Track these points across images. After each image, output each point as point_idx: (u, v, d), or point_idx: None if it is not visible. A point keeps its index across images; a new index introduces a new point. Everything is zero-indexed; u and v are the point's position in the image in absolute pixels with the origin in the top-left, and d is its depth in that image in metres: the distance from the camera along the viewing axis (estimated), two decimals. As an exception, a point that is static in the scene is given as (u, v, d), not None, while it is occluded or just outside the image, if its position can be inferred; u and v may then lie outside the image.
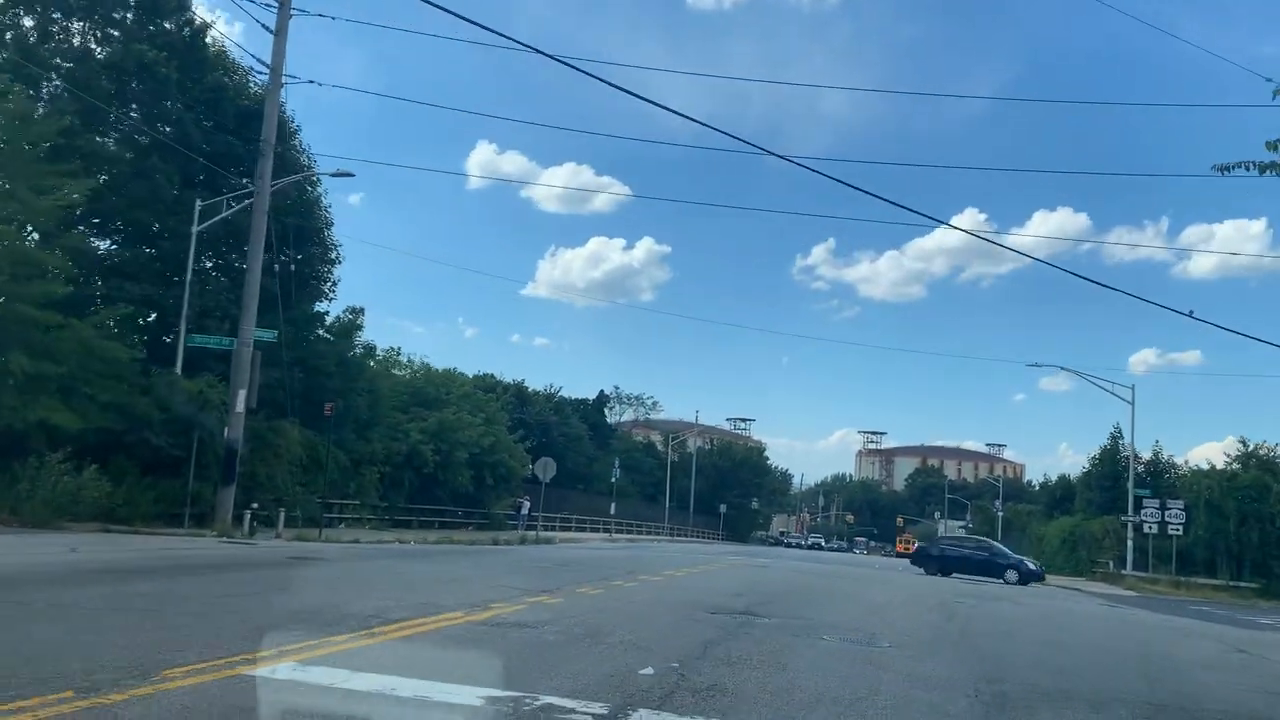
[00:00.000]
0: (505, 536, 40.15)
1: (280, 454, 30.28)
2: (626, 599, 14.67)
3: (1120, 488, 53.83)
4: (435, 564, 19.94)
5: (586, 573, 19.84)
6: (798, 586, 21.27)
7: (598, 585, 16.69)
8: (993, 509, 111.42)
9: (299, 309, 31.66)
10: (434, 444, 38.80)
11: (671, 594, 16.23)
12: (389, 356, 44.64)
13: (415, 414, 40.10)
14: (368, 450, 36.69)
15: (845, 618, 15.06)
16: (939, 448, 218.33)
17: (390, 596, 12.03)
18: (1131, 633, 18.67)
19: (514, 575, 17.74)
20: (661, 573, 21.68)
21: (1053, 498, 71.06)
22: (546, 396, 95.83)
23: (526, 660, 8.25)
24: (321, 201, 34.14)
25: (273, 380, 30.17)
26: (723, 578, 22.20)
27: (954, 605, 20.55)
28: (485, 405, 45.65)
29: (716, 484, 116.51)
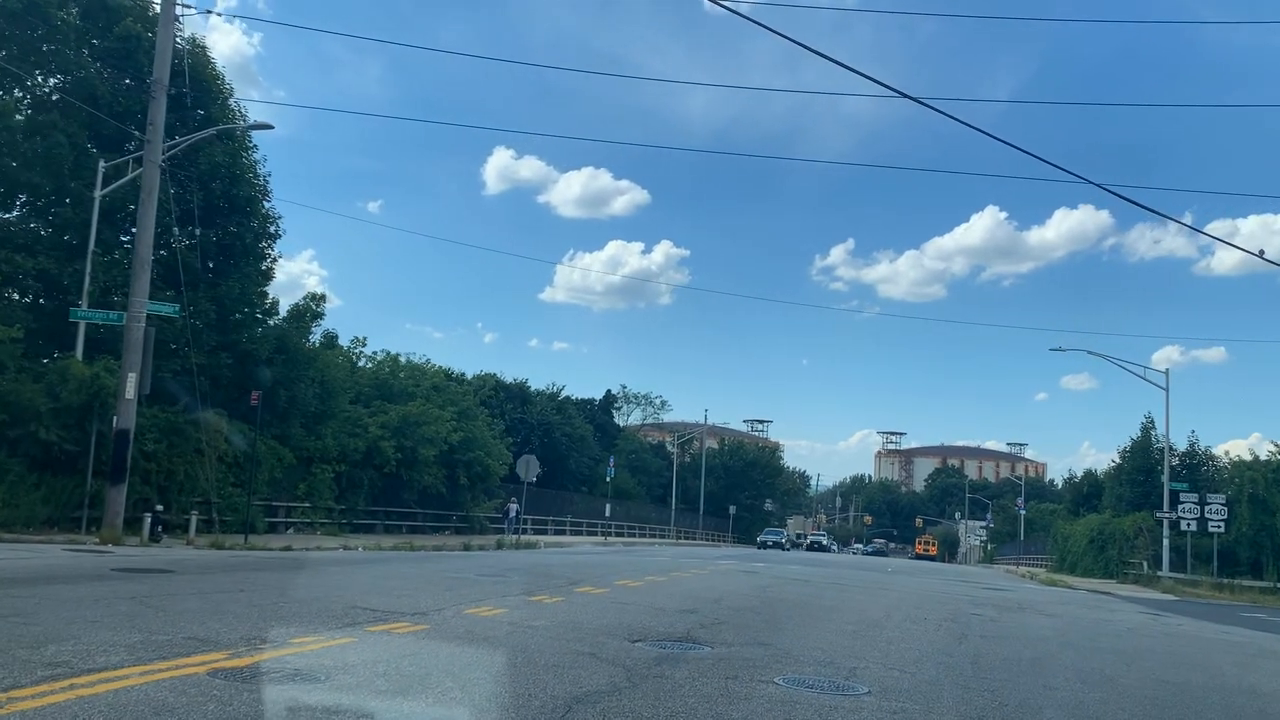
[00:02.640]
0: (481, 541, 36.62)
1: (203, 450, 26.78)
2: (528, 621, 11.03)
3: (1154, 482, 49.79)
4: (332, 577, 16.34)
5: (519, 584, 16.21)
6: (777, 598, 17.54)
7: (511, 601, 13.06)
8: (1015, 508, 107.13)
9: (225, 287, 28.15)
10: (396, 440, 35.23)
11: (601, 612, 12.57)
12: (354, 348, 41.18)
13: (377, 408, 36.56)
14: (319, 447, 33.16)
15: (822, 642, 11.38)
16: (959, 448, 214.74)
17: (148, 630, 8.43)
18: (1190, 653, 14.86)
19: (419, 590, 14.14)
20: (615, 582, 18.01)
21: (1079, 494, 66.91)
22: (550, 396, 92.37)
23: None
24: (258, 169, 30.65)
25: (195, 366, 26.71)
26: (689, 587, 18.50)
27: (967, 619, 16.80)
28: (459, 398, 42.03)
29: (728, 485, 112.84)
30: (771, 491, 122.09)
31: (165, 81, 21.16)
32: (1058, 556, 58.99)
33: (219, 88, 29.78)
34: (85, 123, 26.11)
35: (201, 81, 29.20)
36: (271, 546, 24.49)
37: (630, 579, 19.18)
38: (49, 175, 25.02)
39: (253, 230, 29.78)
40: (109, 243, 24.89)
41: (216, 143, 28.51)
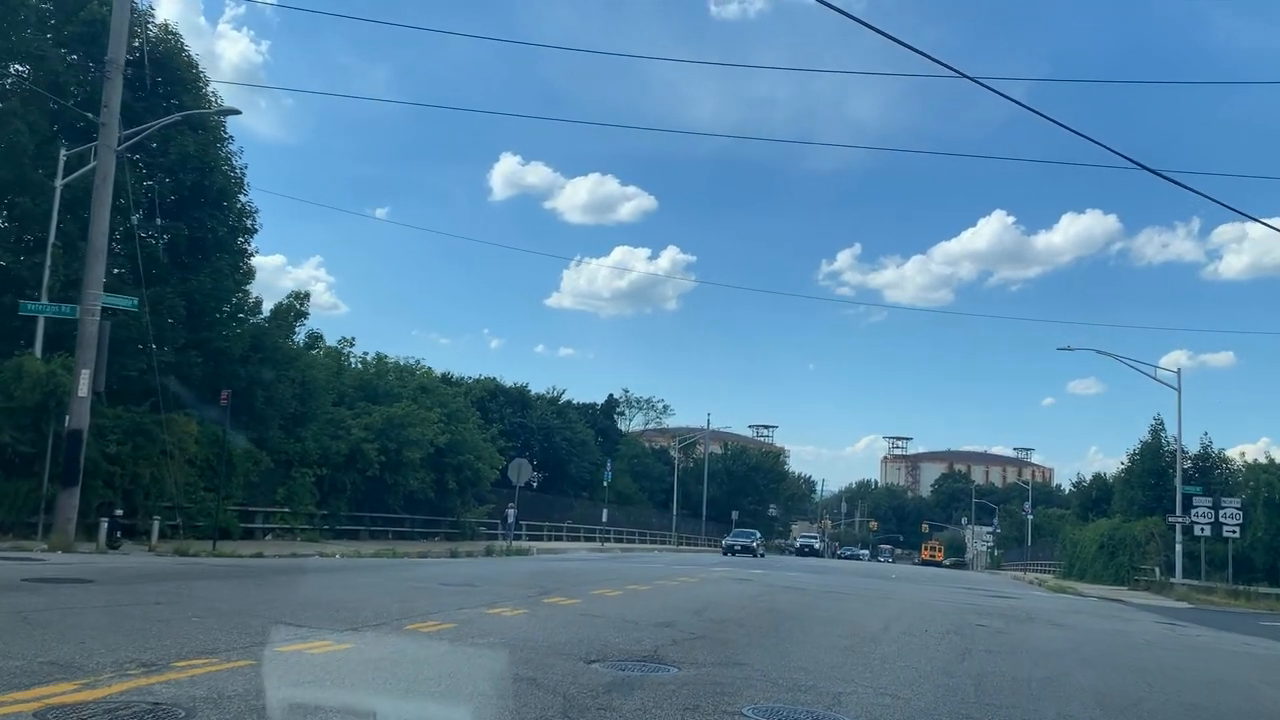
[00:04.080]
0: (470, 548, 35.41)
1: (171, 452, 25.58)
2: (473, 638, 9.79)
3: (1165, 485, 48.37)
4: (277, 587, 15.10)
5: (483, 595, 14.97)
6: (767, 609, 16.25)
7: (465, 614, 11.82)
8: (1022, 513, 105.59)
9: (196, 281, 26.96)
10: (380, 442, 33.98)
11: (563, 627, 11.32)
12: (341, 348, 39.99)
13: (362, 409, 35.34)
14: (299, 449, 31.93)
15: (807, 661, 10.12)
16: (965, 453, 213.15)
17: (4, 655, 7.20)
18: (1218, 670, 13.57)
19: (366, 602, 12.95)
20: (592, 592, 16.74)
21: (1087, 499, 65.36)
22: (550, 400, 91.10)
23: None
24: (233, 161, 29.48)
25: (162, 364, 25.52)
26: (673, 596, 17.23)
27: (972, 631, 15.50)
28: (448, 399, 40.77)
29: (731, 491, 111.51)
30: (775, 496, 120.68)
31: (121, 61, 20.00)
32: (1066, 562, 57.56)
33: (193, 75, 28.64)
34: (49, 111, 25.00)
35: (174, 70, 28.10)
36: (241, 553, 23.28)
37: (610, 588, 17.90)
38: (9, 165, 23.87)
39: (226, 224, 28.59)
40: (72, 235, 23.69)
41: (188, 133, 27.37)
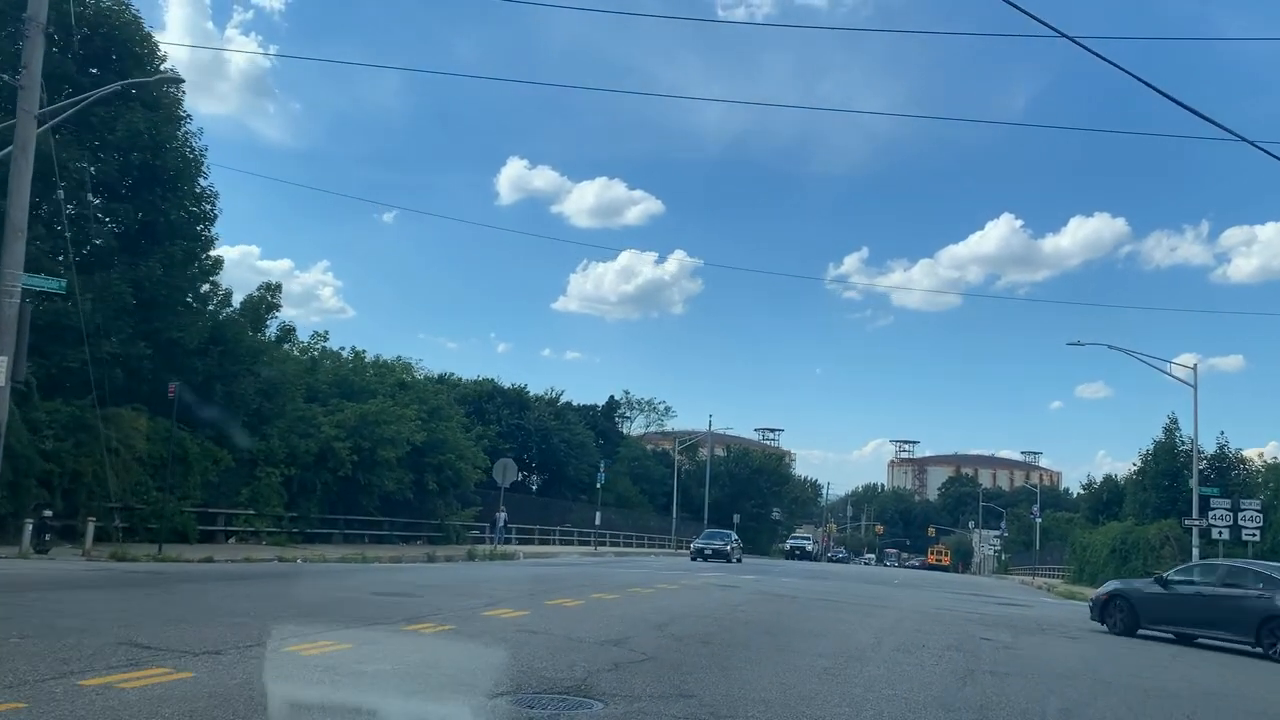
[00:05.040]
0: (450, 552, 33.58)
1: (116, 449, 23.85)
2: (366, 662, 8.01)
3: (1180, 487, 46.33)
4: (184, 597, 13.33)
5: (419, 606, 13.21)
6: (745, 620, 14.42)
7: (378, 631, 10.04)
8: (1030, 517, 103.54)
9: (146, 268, 25.20)
10: (352, 440, 32.18)
11: (488, 647, 9.54)
12: (314, 343, 38.25)
13: (335, 406, 33.56)
14: (264, 448, 30.16)
15: (775, 688, 8.33)
16: (973, 456, 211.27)
17: None
18: (1263, 693, 11.75)
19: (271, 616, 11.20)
20: (550, 602, 14.92)
21: (1098, 501, 63.23)
22: (549, 401, 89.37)
23: None
24: (191, 142, 27.75)
25: (108, 355, 23.82)
26: (641, 607, 15.39)
27: (976, 646, 13.67)
28: (428, 396, 38.97)
29: (733, 493, 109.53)
30: (779, 500, 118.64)
31: (41, 19, 18.24)
32: (1076, 567, 55.52)
33: (148, 47, 26.92)
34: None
35: (125, 44, 26.41)
36: (187, 558, 21.51)
37: (573, 597, 16.09)
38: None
39: (182, 208, 26.82)
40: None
41: (139, 110, 25.64)
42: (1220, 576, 18.74)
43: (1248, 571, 18.53)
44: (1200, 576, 19.32)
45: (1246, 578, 18.07)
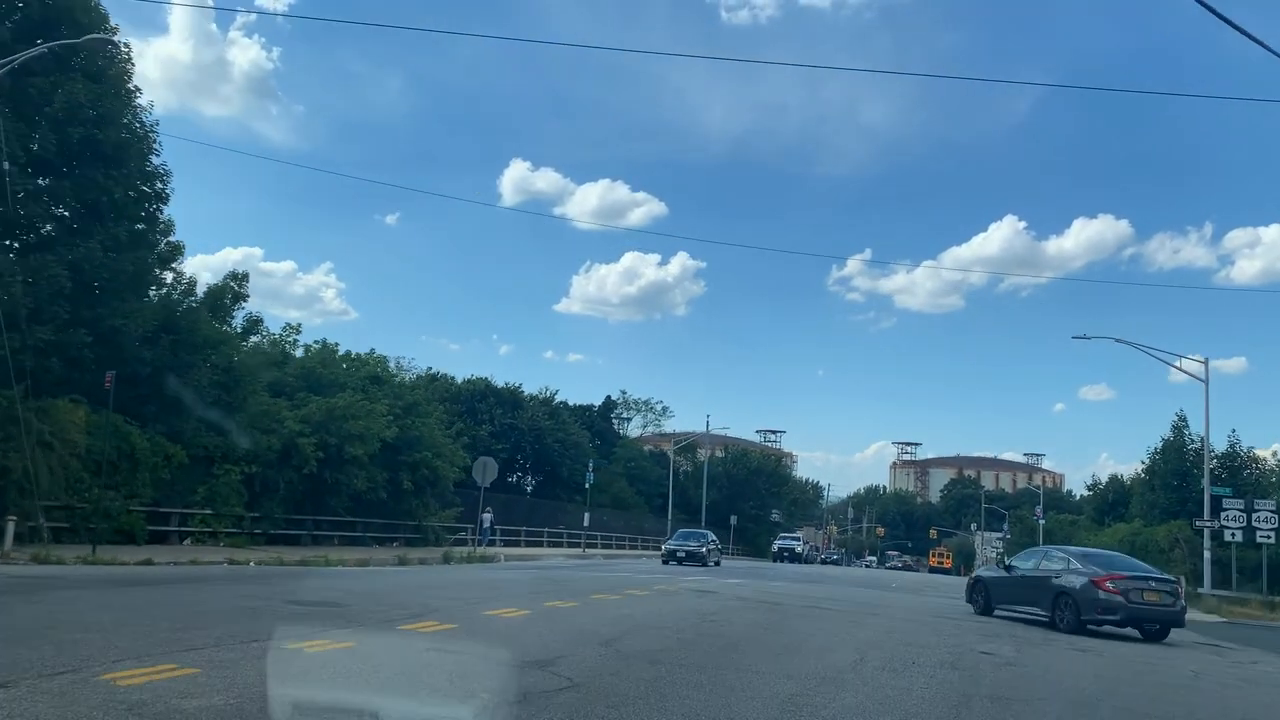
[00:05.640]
0: (425, 555, 31.86)
1: (50, 443, 22.18)
2: (196, 693, 6.32)
3: (1190, 487, 44.69)
4: (47, 608, 11.63)
5: (329, 617, 11.52)
6: (709, 633, 12.68)
7: (253, 649, 8.34)
8: (1033, 518, 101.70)
9: (85, 249, 23.49)
10: (318, 436, 30.48)
11: (376, 670, 7.86)
12: (286, 335, 36.54)
13: (301, 400, 31.87)
14: (222, 444, 28.48)
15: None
16: (975, 458, 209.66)
17: None
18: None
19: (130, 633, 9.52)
20: (490, 611, 13.22)
21: (1103, 502, 61.45)
22: (543, 401, 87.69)
23: None
24: (141, 117, 26.08)
25: (41, 343, 22.17)
26: (597, 616, 13.68)
27: (975, 661, 11.98)
28: (404, 392, 37.25)
29: (731, 495, 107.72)
30: (778, 501, 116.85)
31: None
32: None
33: (94, 19, 25.25)
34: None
35: (68, 11, 24.75)
36: (122, 561, 19.87)
37: (524, 606, 14.39)
38: None
39: (128, 187, 25.14)
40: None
41: (78, 80, 23.97)
42: (1037, 561, 21.51)
43: (1053, 555, 21.39)
44: (1028, 561, 22.01)
45: (1053, 561, 20.76)
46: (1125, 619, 18.90)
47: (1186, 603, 24.15)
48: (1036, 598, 20.20)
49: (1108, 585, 18.70)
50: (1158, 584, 19.35)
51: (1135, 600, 18.63)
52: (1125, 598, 18.54)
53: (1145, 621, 19.22)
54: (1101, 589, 18.70)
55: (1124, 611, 18.66)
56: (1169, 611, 19.16)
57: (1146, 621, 19.24)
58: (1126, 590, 18.61)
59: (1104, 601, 18.64)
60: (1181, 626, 19.92)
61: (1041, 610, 19.89)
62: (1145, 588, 18.91)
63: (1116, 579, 18.83)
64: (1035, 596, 20.28)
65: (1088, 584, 18.98)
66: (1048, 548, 23.83)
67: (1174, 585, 19.97)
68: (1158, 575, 20.21)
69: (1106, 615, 18.79)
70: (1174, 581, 20.42)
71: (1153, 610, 18.95)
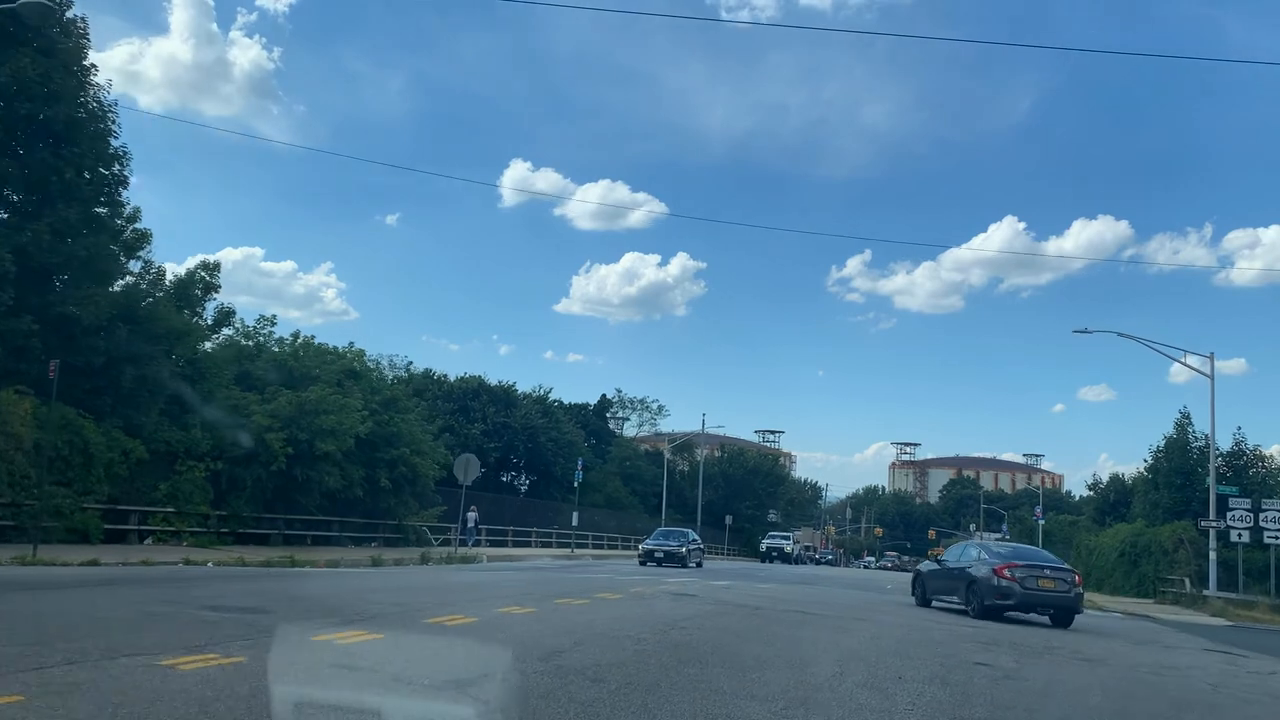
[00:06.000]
0: (402, 555, 30.65)
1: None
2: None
3: (1194, 486, 43.43)
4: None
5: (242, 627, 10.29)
6: (673, 644, 11.41)
7: (89, 676, 7.11)
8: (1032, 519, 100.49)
9: (31, 232, 22.26)
10: (287, 431, 29.25)
11: (246, 698, 6.60)
12: (260, 328, 35.28)
13: (271, 394, 30.63)
14: (185, 439, 27.27)
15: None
16: (974, 459, 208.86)
17: None
18: None
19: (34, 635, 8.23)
20: (429, 620, 11.99)
21: (1104, 502, 60.14)
22: (537, 399, 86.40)
23: None
24: (99, 96, 24.86)
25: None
26: (549, 625, 12.43)
27: (969, 674, 10.73)
28: (381, 386, 35.99)
29: (728, 494, 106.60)
30: (775, 501, 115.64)
31: None
32: (1082, 571, 52.40)
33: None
34: None
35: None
36: (65, 561, 18.65)
37: (472, 613, 13.14)
38: None
39: (80, 166, 23.91)
40: None
41: (29, 54, 22.73)
42: (959, 554, 23.34)
43: (971, 549, 23.41)
44: (955, 556, 23.64)
45: (970, 553, 22.67)
46: (1019, 604, 20.34)
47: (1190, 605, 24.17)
48: (956, 588, 21.92)
49: (1005, 573, 20.34)
50: (1053, 572, 20.76)
51: (1030, 587, 20.17)
52: (1020, 585, 20.14)
53: (1039, 606, 20.59)
54: (1000, 577, 20.34)
55: (1018, 597, 20.18)
56: (1063, 597, 20.46)
57: (1040, 606, 20.60)
58: (1022, 578, 20.20)
59: (1001, 588, 20.27)
60: (1079, 613, 21.08)
61: (959, 599, 21.64)
62: (1040, 575, 20.43)
63: (1013, 567, 20.49)
64: (956, 587, 21.98)
65: (990, 572, 20.58)
66: (971, 542, 24.09)
67: (1070, 574, 21.28)
68: (1053, 564, 21.63)
69: (1003, 600, 20.33)
70: (1070, 570, 21.70)
71: (1046, 596, 20.37)
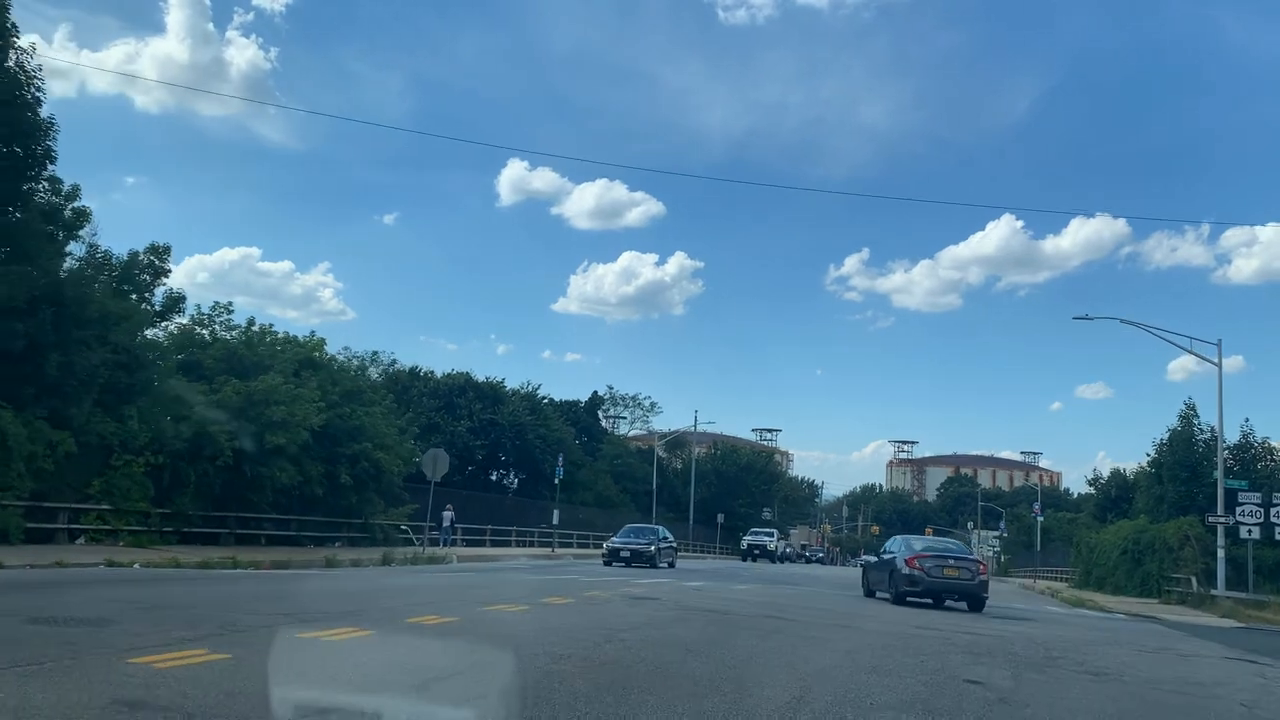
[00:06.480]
0: (361, 556, 28.75)
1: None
2: None
3: (1199, 480, 41.59)
4: None
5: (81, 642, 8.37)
6: (600, 662, 9.48)
7: None
8: (1031, 516, 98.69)
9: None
10: (235, 424, 27.33)
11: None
12: (214, 315, 33.24)
13: (219, 384, 28.69)
14: (121, 432, 25.34)
15: None
16: (972, 456, 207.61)
17: None
18: None
19: None
20: (305, 634, 10.08)
21: (1106, 498, 58.25)
22: (525, 396, 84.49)
23: None
24: (24, 63, 22.87)
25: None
26: (459, 640, 10.53)
27: (958, 695, 8.86)
28: (341, 378, 34.00)
29: (720, 492, 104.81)
30: (769, 499, 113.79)
31: None
32: (1082, 569, 50.66)
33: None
34: None
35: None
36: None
37: (369, 626, 11.25)
38: None
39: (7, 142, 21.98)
40: None
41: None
42: (890, 549, 24.94)
43: (896, 543, 25.05)
44: (888, 549, 25.25)
45: (895, 547, 24.59)
46: (925, 590, 22.59)
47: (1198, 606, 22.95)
48: (884, 578, 24.20)
49: (914, 563, 22.65)
50: (956, 562, 23.03)
51: (935, 575, 22.43)
52: (927, 574, 22.40)
53: (943, 593, 22.77)
54: (910, 566, 22.64)
55: (925, 584, 22.50)
56: (966, 585, 22.62)
57: (944, 593, 22.78)
58: (929, 568, 22.48)
59: (911, 577, 22.51)
60: (983, 597, 22.93)
61: (885, 589, 23.96)
62: (945, 565, 22.70)
63: (922, 558, 22.78)
64: (884, 577, 24.25)
65: (903, 563, 22.90)
66: (900, 537, 26.41)
67: (974, 564, 23.40)
68: (958, 555, 23.87)
69: (912, 588, 22.60)
70: (975, 561, 23.79)
71: (950, 583, 22.60)
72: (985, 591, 23.07)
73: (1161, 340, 36.37)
